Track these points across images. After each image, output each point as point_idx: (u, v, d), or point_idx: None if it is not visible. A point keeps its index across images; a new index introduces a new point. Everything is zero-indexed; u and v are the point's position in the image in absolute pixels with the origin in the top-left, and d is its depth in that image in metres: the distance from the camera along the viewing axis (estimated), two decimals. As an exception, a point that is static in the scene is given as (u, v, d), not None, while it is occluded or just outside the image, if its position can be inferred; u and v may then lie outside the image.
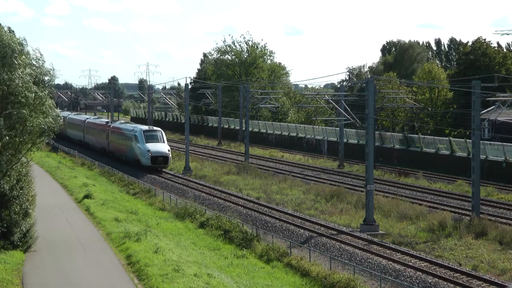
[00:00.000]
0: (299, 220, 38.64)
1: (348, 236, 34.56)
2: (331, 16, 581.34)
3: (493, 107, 58.35)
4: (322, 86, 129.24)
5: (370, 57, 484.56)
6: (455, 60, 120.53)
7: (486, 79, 55.49)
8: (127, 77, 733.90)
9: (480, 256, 31.34)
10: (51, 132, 28.67)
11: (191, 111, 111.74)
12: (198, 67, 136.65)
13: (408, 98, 76.22)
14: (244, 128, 74.10)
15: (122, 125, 70.15)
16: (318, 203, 45.22)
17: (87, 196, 43.57)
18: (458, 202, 44.88)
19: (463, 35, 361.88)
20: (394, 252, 31.31)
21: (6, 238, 28.17)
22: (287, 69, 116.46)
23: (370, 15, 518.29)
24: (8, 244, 28.09)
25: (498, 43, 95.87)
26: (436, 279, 27.19)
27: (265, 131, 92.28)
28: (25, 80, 26.72)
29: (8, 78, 26.44)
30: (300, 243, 33.49)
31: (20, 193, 28.69)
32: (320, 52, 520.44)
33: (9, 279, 24.04)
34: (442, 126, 79.40)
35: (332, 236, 34.30)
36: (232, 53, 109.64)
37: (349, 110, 48.99)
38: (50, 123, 27.94)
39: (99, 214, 37.83)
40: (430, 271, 28.13)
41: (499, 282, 26.78)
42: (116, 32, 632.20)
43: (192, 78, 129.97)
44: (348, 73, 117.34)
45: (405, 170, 59.85)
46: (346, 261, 30.09)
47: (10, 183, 28.10)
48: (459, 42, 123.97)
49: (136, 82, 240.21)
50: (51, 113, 28.06)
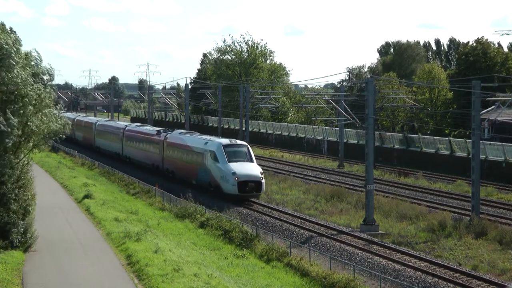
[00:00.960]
0: (299, 220, 38.65)
1: (348, 236, 34.56)
2: (331, 16, 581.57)
3: (493, 107, 58.47)
4: (322, 86, 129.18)
5: (370, 57, 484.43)
6: (455, 60, 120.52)
7: (486, 79, 55.52)
8: (127, 77, 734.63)
9: (480, 256, 31.35)
10: (57, 136, 28.89)
11: (191, 111, 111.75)
12: (198, 67, 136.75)
13: (408, 98, 76.25)
14: (244, 128, 74.13)
15: (186, 136, 53.09)
16: (318, 203, 45.24)
17: (87, 196, 43.55)
18: (458, 202, 44.89)
19: (463, 35, 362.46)
20: (394, 252, 31.32)
21: (5, 238, 28.17)
22: (287, 69, 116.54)
23: (370, 15, 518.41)
24: (8, 244, 28.10)
25: (498, 43, 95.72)
26: (436, 279, 27.19)
27: (265, 131, 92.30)
28: (25, 80, 26.75)
29: (8, 78, 26.46)
30: (300, 243, 33.49)
31: (20, 192, 28.71)
32: (320, 52, 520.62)
33: (9, 279, 24.04)
34: (442, 126, 79.44)
35: (332, 236, 34.31)
36: (232, 53, 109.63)
37: (349, 110, 48.99)
38: (57, 127, 28.15)
39: (99, 214, 37.82)
40: (430, 271, 28.13)
41: (499, 282, 26.79)
42: (116, 32, 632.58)
43: (192, 78, 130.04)
44: (347, 73, 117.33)
45: (405, 170, 59.85)
46: (346, 261, 30.08)
47: (10, 183, 28.11)
48: (459, 42, 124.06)
49: (136, 82, 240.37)
50: (57, 118, 28.32)
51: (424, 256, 30.60)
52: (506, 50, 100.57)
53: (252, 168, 43.54)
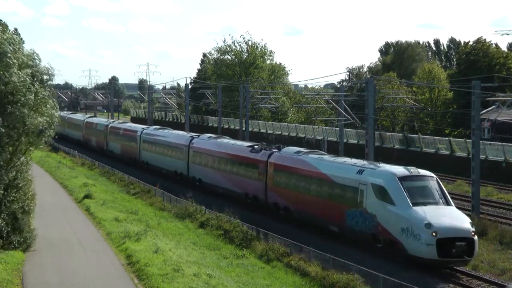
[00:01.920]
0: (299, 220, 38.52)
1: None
2: (331, 16, 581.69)
3: (493, 107, 58.43)
4: (322, 86, 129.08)
5: (369, 57, 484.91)
6: (455, 60, 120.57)
7: (486, 79, 55.51)
8: (127, 77, 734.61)
9: (480, 256, 31.28)
10: (49, 131, 28.70)
11: (191, 111, 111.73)
12: (198, 67, 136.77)
13: (408, 98, 76.26)
14: (244, 128, 74.09)
15: (312, 158, 37.03)
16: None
17: (87, 196, 43.56)
18: (458, 202, 44.77)
19: (462, 35, 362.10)
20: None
21: (5, 238, 28.15)
22: (287, 69, 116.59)
23: (369, 15, 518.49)
24: (8, 244, 28.08)
25: (496, 44, 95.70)
26: (436, 279, 27.18)
27: (265, 131, 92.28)
28: (23, 79, 26.71)
29: (6, 78, 26.41)
30: (300, 243, 33.44)
31: (19, 192, 28.69)
32: (320, 52, 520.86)
33: (9, 279, 24.03)
34: (442, 126, 79.47)
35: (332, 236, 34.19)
36: (232, 53, 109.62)
37: (349, 110, 49.04)
38: (47, 122, 27.92)
39: (99, 214, 37.82)
40: (430, 270, 28.07)
41: (499, 282, 26.78)
42: (116, 32, 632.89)
43: (192, 78, 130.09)
44: (347, 73, 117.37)
45: (405, 170, 59.71)
46: (346, 261, 30.00)
47: (9, 182, 28.09)
48: (459, 42, 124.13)
49: (136, 82, 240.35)
50: (51, 112, 28.10)
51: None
52: (505, 50, 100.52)
53: (457, 216, 28.43)
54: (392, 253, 29.18)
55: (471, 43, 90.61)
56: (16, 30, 31.85)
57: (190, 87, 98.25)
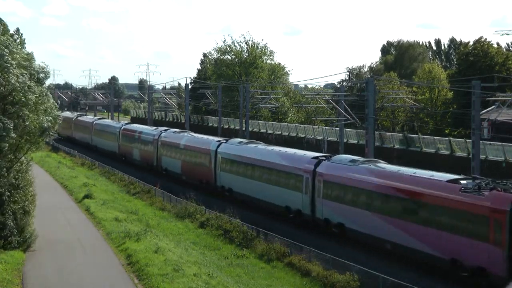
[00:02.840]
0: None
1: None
2: (330, 16, 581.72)
3: (493, 107, 58.36)
4: (322, 86, 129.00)
5: (370, 57, 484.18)
6: (455, 60, 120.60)
7: (486, 79, 55.50)
8: (127, 77, 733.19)
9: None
10: (50, 131, 28.76)
11: (191, 111, 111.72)
12: (198, 67, 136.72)
13: (408, 98, 76.26)
14: (244, 128, 74.07)
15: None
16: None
17: (87, 196, 43.58)
18: (458, 202, 44.79)
19: (463, 35, 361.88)
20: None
21: (5, 238, 28.17)
22: (287, 69, 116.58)
23: (369, 15, 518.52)
24: (8, 243, 28.10)
25: (497, 44, 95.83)
26: (436, 279, 27.18)
27: (265, 131, 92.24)
28: (21, 81, 26.70)
29: (5, 79, 26.40)
30: (301, 243, 33.43)
31: (20, 192, 28.71)
32: (320, 52, 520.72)
33: (9, 279, 24.05)
34: (442, 126, 79.46)
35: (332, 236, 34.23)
36: (232, 53, 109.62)
37: (349, 110, 49.03)
38: (50, 121, 27.97)
39: (99, 214, 37.84)
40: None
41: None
42: (115, 32, 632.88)
43: (192, 78, 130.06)
44: (348, 73, 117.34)
45: (405, 170, 59.74)
46: (346, 261, 30.01)
47: (9, 182, 28.11)
48: (459, 42, 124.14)
49: (136, 82, 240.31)
50: (55, 113, 28.22)
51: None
52: (505, 50, 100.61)
53: None
54: None
55: (471, 43, 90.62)
56: (18, 30, 31.53)
57: (190, 87, 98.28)
